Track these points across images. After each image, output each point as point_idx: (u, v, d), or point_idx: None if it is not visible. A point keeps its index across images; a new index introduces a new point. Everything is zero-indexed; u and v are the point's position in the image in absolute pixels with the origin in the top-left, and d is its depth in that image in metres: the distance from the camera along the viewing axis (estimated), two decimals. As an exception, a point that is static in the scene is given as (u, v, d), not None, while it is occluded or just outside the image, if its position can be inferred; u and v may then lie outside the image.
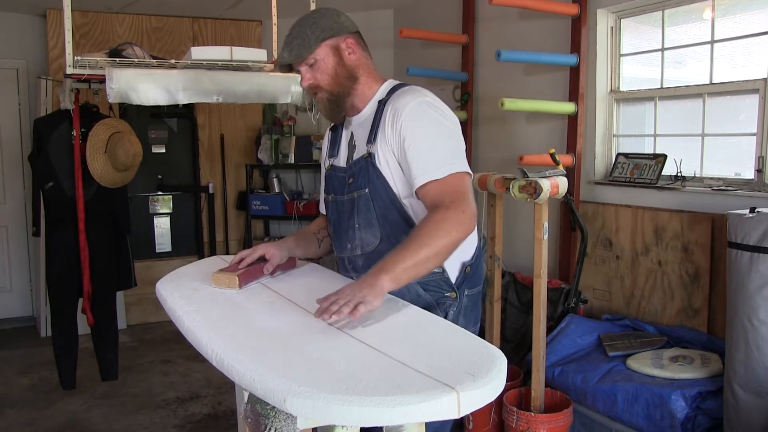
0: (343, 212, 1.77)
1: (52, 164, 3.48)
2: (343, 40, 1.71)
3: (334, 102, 1.73)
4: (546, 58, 3.49)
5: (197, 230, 5.43)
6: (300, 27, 1.69)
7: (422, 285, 1.68)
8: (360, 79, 1.73)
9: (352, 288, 1.41)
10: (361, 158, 1.71)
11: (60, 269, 3.55)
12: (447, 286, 1.70)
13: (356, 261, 1.76)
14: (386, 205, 1.68)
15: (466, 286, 1.74)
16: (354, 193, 1.72)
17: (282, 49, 1.70)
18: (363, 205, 1.70)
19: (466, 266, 1.75)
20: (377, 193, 1.68)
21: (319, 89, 1.72)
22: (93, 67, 2.80)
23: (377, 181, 1.67)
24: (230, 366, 1.22)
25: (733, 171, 2.97)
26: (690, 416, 2.41)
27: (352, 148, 1.78)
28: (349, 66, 1.71)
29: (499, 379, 1.11)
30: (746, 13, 2.91)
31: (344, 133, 1.84)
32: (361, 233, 1.72)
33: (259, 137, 5.36)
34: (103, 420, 3.38)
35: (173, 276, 1.85)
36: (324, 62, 1.69)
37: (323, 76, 1.70)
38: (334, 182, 1.82)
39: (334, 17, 1.72)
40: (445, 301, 1.71)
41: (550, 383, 2.83)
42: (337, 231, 1.82)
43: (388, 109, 1.67)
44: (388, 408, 1.01)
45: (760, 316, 2.21)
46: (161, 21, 5.18)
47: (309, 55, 1.67)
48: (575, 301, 3.20)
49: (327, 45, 1.69)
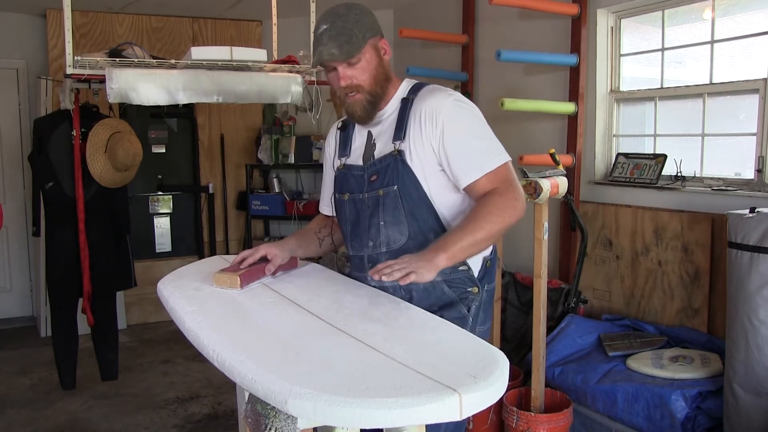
0: (363, 210, 1.75)
1: (52, 164, 3.48)
2: (380, 40, 1.70)
3: (373, 103, 1.70)
4: (546, 58, 3.49)
5: (197, 230, 5.43)
6: (343, 22, 1.62)
7: (447, 283, 1.69)
8: (392, 80, 1.74)
9: (411, 258, 1.46)
10: (387, 156, 1.69)
11: (60, 269, 3.55)
12: (471, 282, 1.71)
13: (379, 259, 1.72)
14: (415, 202, 1.67)
15: (485, 281, 1.75)
16: (379, 190, 1.70)
17: (324, 45, 1.62)
18: (390, 202, 1.68)
19: (486, 261, 1.76)
20: (406, 190, 1.67)
21: (359, 89, 1.67)
22: (93, 67, 2.80)
23: (407, 178, 1.66)
24: (231, 366, 1.22)
25: (733, 171, 2.97)
26: (690, 416, 2.41)
27: (371, 146, 1.76)
28: (386, 67, 1.71)
29: (501, 381, 1.11)
30: (746, 13, 2.91)
31: (359, 132, 1.82)
32: (388, 230, 1.70)
33: (259, 137, 5.36)
34: (103, 420, 3.37)
35: (174, 276, 1.85)
36: (368, 62, 1.66)
37: (365, 76, 1.66)
38: (349, 181, 1.80)
39: (372, 16, 1.69)
40: (467, 296, 1.71)
41: (550, 383, 2.83)
42: (355, 230, 1.79)
43: (421, 109, 1.66)
44: (389, 410, 1.01)
45: (760, 316, 2.21)
46: (161, 21, 5.17)
47: (358, 53, 1.63)
48: (575, 301, 3.20)
49: (370, 44, 1.66)
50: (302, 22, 3.43)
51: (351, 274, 1.88)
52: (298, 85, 3.10)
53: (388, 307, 1.53)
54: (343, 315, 1.46)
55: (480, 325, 1.76)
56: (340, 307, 1.52)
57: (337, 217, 1.88)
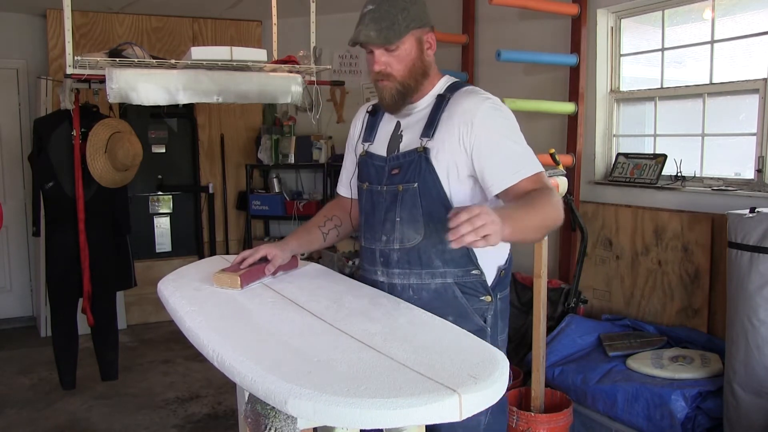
0: (379, 203, 1.71)
1: (52, 164, 3.48)
2: (426, 33, 1.65)
3: (402, 94, 1.66)
4: (546, 58, 3.49)
5: (197, 230, 5.43)
6: (389, 6, 1.58)
7: (460, 286, 1.65)
8: (429, 76, 1.68)
9: (488, 216, 1.29)
10: (412, 151, 1.65)
11: (60, 269, 3.55)
12: (483, 289, 1.67)
13: (390, 255, 1.70)
14: (434, 202, 1.63)
15: (498, 289, 1.71)
16: (399, 185, 1.66)
17: (365, 26, 1.59)
18: (409, 200, 1.64)
19: (501, 270, 1.72)
20: (427, 188, 1.63)
21: (390, 78, 1.63)
22: (93, 67, 2.80)
23: (429, 176, 1.62)
24: (231, 366, 1.22)
25: (733, 171, 2.98)
26: (690, 416, 2.41)
27: (397, 138, 1.71)
28: (426, 62, 1.66)
29: (501, 381, 1.11)
30: (746, 13, 2.91)
31: (386, 120, 1.77)
32: (403, 228, 1.66)
33: (259, 137, 5.36)
34: (103, 420, 3.37)
35: (175, 276, 1.85)
36: (406, 52, 1.61)
37: (399, 66, 1.62)
38: (369, 170, 1.75)
39: (423, 7, 1.64)
40: (480, 305, 1.67)
41: (550, 383, 2.83)
42: (369, 221, 1.75)
43: (455, 110, 1.62)
44: (389, 410, 1.01)
45: (760, 316, 2.21)
46: (161, 21, 5.17)
47: (397, 42, 1.59)
48: (575, 301, 3.20)
49: (413, 35, 1.61)
50: (302, 22, 3.43)
51: (362, 265, 1.83)
52: (298, 85, 3.09)
53: (388, 307, 1.53)
54: (343, 315, 1.46)
55: (500, 334, 1.72)
56: (340, 307, 1.52)
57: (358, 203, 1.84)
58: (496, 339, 1.69)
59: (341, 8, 4.99)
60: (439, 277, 1.65)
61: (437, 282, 1.66)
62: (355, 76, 5.41)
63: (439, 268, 1.65)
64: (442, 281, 1.65)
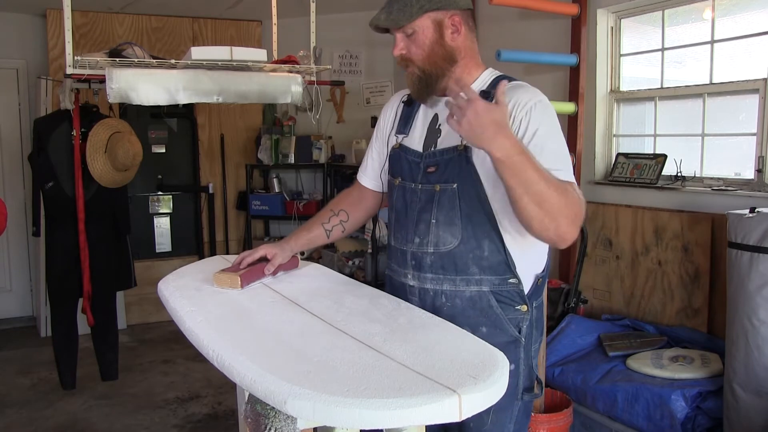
0: (413, 202, 1.62)
1: (52, 164, 3.48)
2: (449, 16, 1.54)
3: (424, 81, 1.57)
4: (546, 58, 3.49)
5: (197, 230, 5.44)
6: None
7: (495, 294, 1.56)
8: (459, 62, 1.57)
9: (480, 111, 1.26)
10: (451, 149, 1.55)
11: (60, 269, 3.55)
12: (520, 298, 1.57)
13: (423, 258, 1.60)
14: (474, 205, 1.53)
15: (534, 297, 1.61)
16: (436, 185, 1.56)
17: (381, 9, 1.55)
18: (447, 201, 1.55)
19: (538, 278, 1.63)
20: (466, 190, 1.53)
21: (410, 63, 1.57)
22: (93, 67, 2.80)
23: (469, 177, 1.52)
24: (231, 366, 1.22)
25: (733, 171, 2.97)
26: (690, 416, 2.41)
27: (435, 132, 1.62)
28: (449, 46, 1.55)
29: (501, 381, 1.11)
30: (746, 13, 2.91)
31: (424, 112, 1.67)
32: (439, 230, 1.57)
33: (259, 137, 5.36)
34: (103, 420, 3.38)
35: (175, 276, 1.85)
36: (422, 36, 1.53)
37: (417, 50, 1.55)
38: (402, 165, 1.66)
39: None
40: (516, 315, 1.57)
41: (550, 383, 2.83)
42: (401, 220, 1.66)
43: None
44: (388, 410, 1.01)
45: (760, 316, 2.21)
46: (161, 21, 5.17)
47: (407, 24, 1.52)
48: (575, 301, 3.20)
49: (429, 17, 1.53)
50: (302, 22, 3.43)
51: (389, 265, 1.75)
52: (298, 85, 3.09)
53: (388, 308, 1.53)
54: (343, 315, 1.46)
55: (534, 343, 1.62)
56: (340, 308, 1.52)
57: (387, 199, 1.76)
58: (530, 350, 1.60)
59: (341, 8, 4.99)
60: (475, 285, 1.56)
61: (472, 290, 1.56)
62: (355, 76, 5.41)
63: (476, 275, 1.55)
64: (477, 289, 1.56)
